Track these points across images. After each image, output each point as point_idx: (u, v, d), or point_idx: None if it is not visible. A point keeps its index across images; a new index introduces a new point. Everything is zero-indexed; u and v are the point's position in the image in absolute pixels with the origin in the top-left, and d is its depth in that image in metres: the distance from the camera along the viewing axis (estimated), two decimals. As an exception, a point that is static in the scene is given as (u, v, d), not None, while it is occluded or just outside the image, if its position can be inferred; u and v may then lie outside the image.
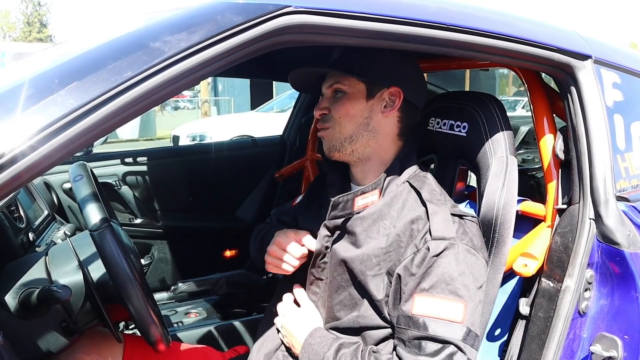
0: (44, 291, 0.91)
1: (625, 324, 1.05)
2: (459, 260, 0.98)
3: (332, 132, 1.14)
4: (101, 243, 0.93)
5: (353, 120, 1.12)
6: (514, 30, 1.05)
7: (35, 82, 0.70)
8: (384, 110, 1.12)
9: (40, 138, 0.65)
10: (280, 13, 0.82)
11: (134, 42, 0.75)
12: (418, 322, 0.95)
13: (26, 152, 0.64)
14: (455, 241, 1.00)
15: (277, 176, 2.48)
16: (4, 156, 0.63)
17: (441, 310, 0.95)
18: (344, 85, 1.12)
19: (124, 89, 0.70)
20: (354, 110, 1.12)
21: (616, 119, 1.14)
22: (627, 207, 1.09)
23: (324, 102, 1.16)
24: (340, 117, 1.12)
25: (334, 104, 1.14)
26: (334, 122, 1.13)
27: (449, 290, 0.96)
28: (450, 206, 1.08)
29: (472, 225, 1.07)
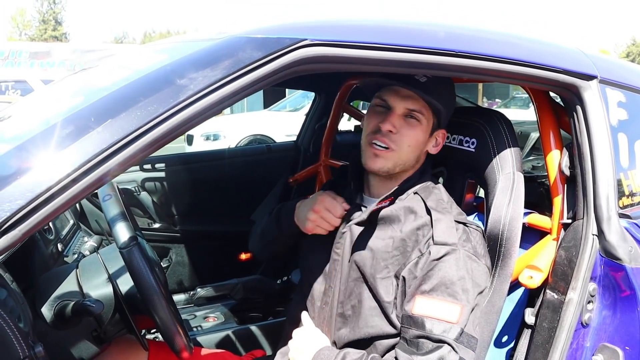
0: (78, 305, 0.98)
1: (627, 336, 1.09)
2: (459, 265, 1.03)
3: (394, 155, 1.12)
4: (130, 260, 0.99)
5: (416, 150, 1.15)
6: (520, 54, 1.09)
7: (73, 119, 0.76)
8: (432, 149, 1.20)
9: (80, 173, 0.71)
10: (298, 47, 0.87)
11: (161, 78, 0.81)
12: (417, 321, 1.01)
13: (68, 186, 0.71)
14: (457, 247, 1.05)
15: (291, 181, 2.53)
16: (48, 191, 0.69)
17: (438, 311, 1.00)
18: (423, 114, 1.13)
19: (154, 125, 0.76)
20: (421, 142, 1.15)
21: (620, 137, 1.18)
22: (629, 223, 1.13)
23: (395, 119, 1.12)
24: (410, 145, 1.13)
25: (406, 127, 1.12)
26: (399, 146, 1.12)
27: (447, 294, 1.01)
28: (456, 214, 1.13)
29: (476, 234, 1.11)
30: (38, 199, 0.69)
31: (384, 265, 1.10)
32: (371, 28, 1.00)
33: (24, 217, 0.68)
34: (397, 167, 1.15)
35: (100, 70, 1.14)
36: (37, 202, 0.69)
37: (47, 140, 0.73)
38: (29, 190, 0.69)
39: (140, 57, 1.00)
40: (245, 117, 11.11)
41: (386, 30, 1.00)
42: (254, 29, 0.91)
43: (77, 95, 0.93)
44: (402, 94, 1.11)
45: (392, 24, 1.04)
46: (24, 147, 0.72)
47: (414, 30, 1.03)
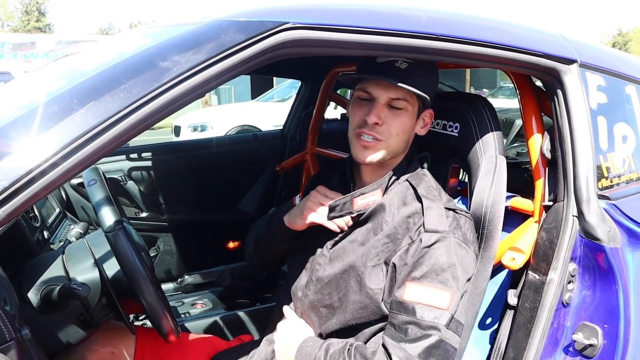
0: (64, 288, 0.99)
1: (605, 314, 1.12)
2: (449, 253, 1.04)
3: (383, 145, 1.12)
4: (115, 244, 1.00)
5: (405, 136, 1.15)
6: (502, 38, 1.11)
7: (55, 101, 0.76)
8: (420, 130, 1.19)
9: (63, 155, 0.71)
10: (280, 29, 0.87)
11: (145, 61, 0.81)
12: (408, 307, 1.01)
13: (49, 169, 0.71)
14: (448, 234, 1.06)
15: (278, 169, 2.54)
16: (31, 172, 0.69)
17: (429, 298, 1.01)
18: (408, 101, 1.11)
19: (137, 107, 0.76)
20: (409, 129, 1.15)
21: (600, 120, 1.20)
22: (608, 205, 1.16)
23: (380, 111, 1.11)
24: (397, 134, 1.12)
25: (391, 117, 1.11)
26: (387, 136, 1.12)
27: (438, 280, 1.02)
28: (446, 201, 1.14)
29: (465, 220, 1.12)
30: (22, 179, 0.69)
31: (374, 253, 1.11)
32: (354, 11, 1.00)
33: (7, 198, 0.69)
34: (387, 156, 1.14)
35: (83, 55, 1.14)
36: (20, 183, 0.69)
37: (30, 123, 0.73)
38: (12, 171, 0.69)
39: (124, 42, 1.00)
40: (233, 107, 11.07)
41: (369, 13, 1.00)
42: (237, 12, 0.91)
43: (61, 79, 0.93)
44: (384, 83, 1.10)
45: (375, 7, 1.04)
46: (6, 130, 0.72)
47: (397, 14, 1.04)
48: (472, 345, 1.29)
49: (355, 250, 1.14)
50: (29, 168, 0.70)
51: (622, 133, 1.25)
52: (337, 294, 1.15)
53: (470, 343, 1.25)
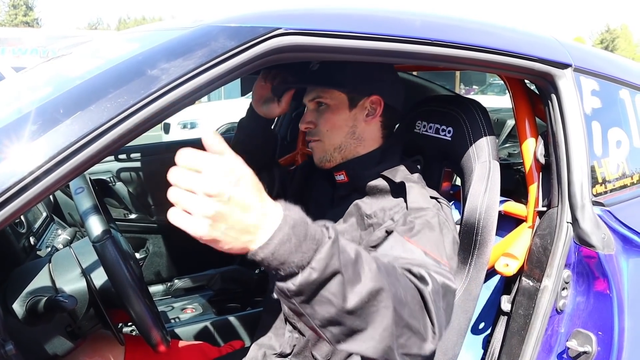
0: (51, 300, 0.96)
1: (600, 321, 1.12)
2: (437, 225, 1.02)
3: (321, 144, 1.19)
4: (103, 254, 0.97)
5: (340, 130, 1.18)
6: (496, 42, 1.09)
7: (41, 111, 0.73)
8: (367, 118, 1.19)
9: (50, 167, 0.69)
10: (272, 35, 0.85)
11: (132, 69, 0.78)
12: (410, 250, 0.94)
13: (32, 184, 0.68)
14: (432, 210, 1.06)
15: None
16: (18, 184, 0.67)
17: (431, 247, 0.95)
18: (326, 99, 1.17)
19: (125, 117, 0.73)
20: (339, 121, 1.17)
21: (594, 125, 1.19)
22: (603, 211, 1.15)
23: (308, 116, 1.20)
24: (327, 130, 1.17)
25: (319, 117, 1.18)
26: (321, 134, 1.18)
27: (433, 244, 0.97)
28: (426, 189, 1.15)
29: (447, 209, 1.13)
30: (7, 192, 0.67)
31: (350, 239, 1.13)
32: (347, 16, 0.98)
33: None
34: (333, 152, 1.19)
35: (72, 59, 1.11)
36: (6, 195, 0.66)
37: (15, 133, 0.70)
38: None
39: (112, 46, 0.97)
40: (223, 104, 10.98)
41: (361, 18, 0.99)
42: (228, 17, 0.89)
43: (47, 85, 0.90)
44: (308, 92, 1.19)
45: (368, 12, 1.02)
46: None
47: (390, 19, 1.02)
48: (465, 351, 1.28)
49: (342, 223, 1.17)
50: (15, 180, 0.67)
51: (616, 138, 1.25)
52: None
53: (464, 348, 1.25)
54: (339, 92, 1.16)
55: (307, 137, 1.22)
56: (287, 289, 0.64)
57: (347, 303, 0.67)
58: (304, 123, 1.20)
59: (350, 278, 0.67)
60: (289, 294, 0.65)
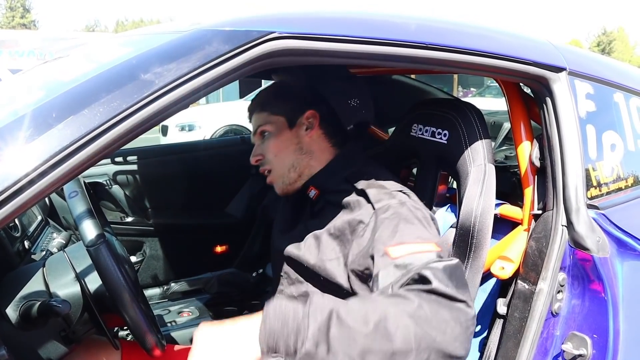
0: (44, 305, 0.96)
1: (595, 324, 1.12)
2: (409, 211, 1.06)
3: (275, 172, 1.26)
4: (97, 258, 0.97)
5: (287, 150, 1.24)
6: (490, 46, 1.09)
7: (34, 114, 0.73)
8: (307, 132, 1.25)
9: (41, 172, 0.69)
10: (266, 39, 0.85)
11: (125, 73, 0.78)
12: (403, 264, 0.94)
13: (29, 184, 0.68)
14: (396, 198, 1.09)
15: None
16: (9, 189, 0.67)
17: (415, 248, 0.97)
18: (266, 127, 1.24)
19: (118, 122, 0.73)
20: (284, 142, 1.24)
21: (588, 129, 1.19)
22: (597, 214, 1.15)
23: (256, 150, 1.27)
24: (275, 155, 1.24)
25: (265, 147, 1.25)
26: (271, 162, 1.25)
27: (413, 236, 1.00)
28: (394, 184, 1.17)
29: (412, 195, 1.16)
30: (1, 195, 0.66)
31: (330, 248, 1.15)
32: (341, 20, 0.98)
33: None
34: (290, 176, 1.26)
35: (66, 62, 1.10)
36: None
37: (9, 136, 0.70)
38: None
39: (105, 50, 0.97)
40: (221, 107, 10.98)
41: (356, 22, 0.99)
42: (222, 21, 0.89)
43: (41, 88, 0.90)
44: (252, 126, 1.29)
45: (362, 16, 1.03)
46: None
47: (385, 22, 1.03)
48: (462, 354, 1.28)
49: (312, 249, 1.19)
50: (6, 185, 0.67)
51: (611, 141, 1.25)
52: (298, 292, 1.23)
53: (460, 352, 1.24)
54: (276, 116, 1.23)
55: (260, 170, 1.28)
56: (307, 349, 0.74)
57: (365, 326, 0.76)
58: (254, 157, 1.26)
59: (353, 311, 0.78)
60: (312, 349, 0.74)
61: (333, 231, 1.16)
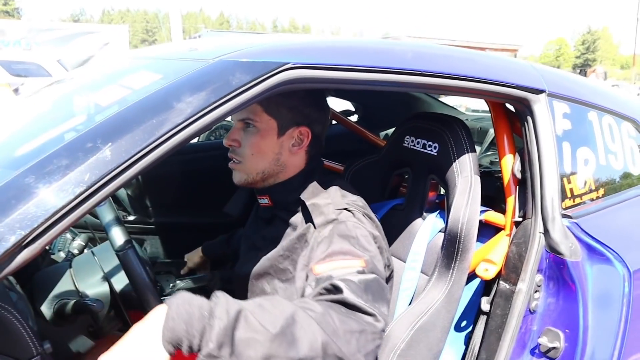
0: (79, 304, 1.07)
1: (567, 320, 1.25)
2: (347, 231, 1.08)
3: (244, 167, 1.21)
4: (126, 261, 1.08)
5: (265, 156, 1.19)
6: (478, 71, 1.22)
7: (80, 141, 0.83)
8: (292, 148, 1.22)
9: (89, 193, 0.79)
10: (281, 70, 0.96)
11: (161, 102, 0.88)
12: (323, 277, 1.00)
13: (79, 204, 0.78)
14: (337, 218, 1.11)
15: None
16: (64, 209, 0.77)
17: (340, 265, 1.02)
18: (256, 121, 1.17)
19: (155, 147, 0.84)
20: (266, 147, 1.18)
21: (564, 145, 1.33)
22: (571, 223, 1.29)
23: (235, 133, 1.20)
24: (252, 153, 1.18)
25: (245, 137, 1.18)
26: (244, 157, 1.19)
27: (343, 254, 1.04)
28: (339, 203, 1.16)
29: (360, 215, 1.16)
30: (55, 215, 0.77)
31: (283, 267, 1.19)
32: (346, 50, 1.09)
33: (42, 233, 0.76)
34: (256, 177, 1.21)
35: (96, 83, 1.20)
36: (53, 219, 0.77)
37: (59, 161, 0.80)
38: (47, 209, 0.76)
39: (135, 74, 1.07)
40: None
41: (359, 52, 1.10)
42: (240, 52, 1.00)
43: (81, 112, 1.00)
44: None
45: (364, 46, 1.14)
46: (37, 168, 0.79)
47: (385, 51, 1.14)
48: (449, 347, 1.41)
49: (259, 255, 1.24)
50: (61, 205, 0.77)
51: (584, 157, 1.38)
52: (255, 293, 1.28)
53: (447, 345, 1.37)
54: (270, 117, 1.17)
55: (229, 154, 1.23)
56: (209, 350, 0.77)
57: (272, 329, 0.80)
58: (229, 140, 1.20)
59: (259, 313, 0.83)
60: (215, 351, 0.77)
61: (283, 252, 1.18)
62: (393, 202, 1.60)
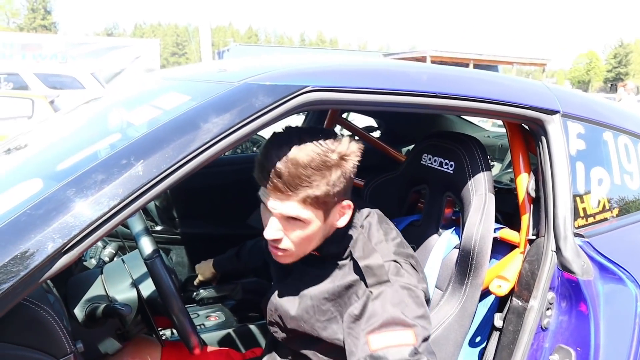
0: (109, 308, 1.14)
1: (579, 338, 1.27)
2: (397, 295, 1.06)
3: (291, 254, 1.12)
4: (153, 269, 1.15)
5: (312, 241, 1.11)
6: (491, 93, 1.26)
7: (115, 158, 0.91)
8: (336, 223, 1.13)
9: (123, 205, 0.87)
10: (302, 92, 1.03)
11: (189, 123, 0.96)
12: (379, 357, 1.00)
13: (114, 215, 0.86)
14: (391, 281, 1.08)
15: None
16: (100, 219, 0.85)
17: (394, 340, 1.01)
18: (299, 216, 1.05)
19: (183, 164, 0.91)
20: (313, 234, 1.09)
21: (578, 165, 1.35)
22: (583, 242, 1.31)
23: (276, 226, 1.07)
24: (300, 243, 1.09)
25: (289, 229, 1.07)
26: (290, 247, 1.10)
27: (396, 323, 1.03)
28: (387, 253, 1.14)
29: (407, 267, 1.14)
30: (91, 226, 0.84)
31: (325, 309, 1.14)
32: (362, 73, 1.15)
33: (79, 241, 0.84)
34: (301, 255, 1.14)
35: (132, 104, 1.29)
36: (90, 228, 0.84)
37: (96, 176, 0.88)
38: (83, 220, 0.84)
39: (165, 95, 1.15)
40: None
41: (375, 75, 1.16)
42: (263, 76, 1.06)
43: (116, 131, 1.08)
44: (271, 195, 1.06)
45: (381, 68, 1.20)
46: (78, 181, 0.87)
47: (399, 74, 1.19)
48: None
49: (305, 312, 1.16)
50: (97, 216, 0.85)
51: (598, 176, 1.41)
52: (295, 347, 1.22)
53: (461, 359, 1.40)
54: (315, 209, 1.05)
55: (271, 244, 1.11)
56: None
57: None
58: (272, 237, 1.07)
59: None
60: None
61: (328, 296, 1.13)
62: (410, 218, 1.64)
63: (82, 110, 1.49)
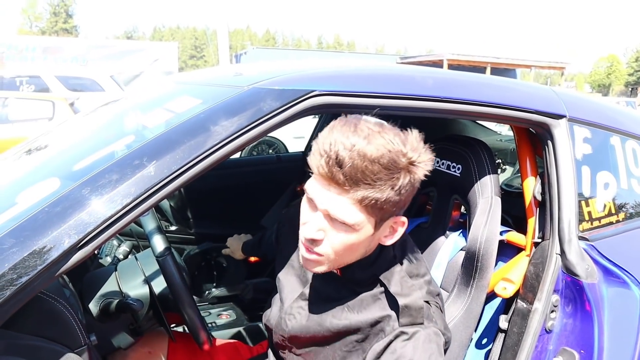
0: (122, 303, 1.19)
1: (583, 341, 1.28)
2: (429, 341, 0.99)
3: (325, 262, 0.99)
4: (164, 266, 1.20)
5: (354, 253, 0.99)
6: (498, 98, 1.27)
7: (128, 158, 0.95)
8: (384, 238, 1.01)
9: (136, 204, 0.91)
10: (309, 96, 1.06)
11: (199, 125, 1.00)
12: None
13: (126, 213, 0.90)
14: (424, 323, 1.01)
15: (299, 190, 2.73)
16: (113, 217, 0.89)
17: None
18: (349, 221, 0.92)
19: (193, 165, 0.95)
20: (359, 244, 0.96)
21: (584, 170, 1.36)
22: (587, 245, 1.32)
23: (319, 221, 0.94)
24: (340, 251, 0.96)
25: (333, 232, 0.94)
26: (327, 253, 0.96)
27: None
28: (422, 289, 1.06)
29: (435, 309, 1.06)
30: (104, 223, 0.89)
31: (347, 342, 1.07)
32: (368, 78, 1.18)
33: (93, 237, 0.88)
34: (333, 268, 1.02)
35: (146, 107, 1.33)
36: (104, 225, 0.88)
37: (110, 176, 0.92)
38: (98, 217, 0.88)
39: (177, 99, 1.19)
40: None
41: (381, 79, 1.18)
42: (271, 80, 1.10)
43: (130, 133, 1.12)
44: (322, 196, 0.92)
45: (387, 73, 1.22)
46: (93, 181, 0.92)
47: (405, 79, 1.22)
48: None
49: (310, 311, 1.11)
50: (111, 213, 0.89)
51: (604, 181, 1.41)
52: None
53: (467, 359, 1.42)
54: (369, 215, 0.92)
55: (305, 243, 0.98)
56: None
57: None
58: (313, 230, 0.94)
59: None
60: None
61: (354, 328, 1.05)
62: (418, 221, 1.67)
63: (99, 112, 1.54)
